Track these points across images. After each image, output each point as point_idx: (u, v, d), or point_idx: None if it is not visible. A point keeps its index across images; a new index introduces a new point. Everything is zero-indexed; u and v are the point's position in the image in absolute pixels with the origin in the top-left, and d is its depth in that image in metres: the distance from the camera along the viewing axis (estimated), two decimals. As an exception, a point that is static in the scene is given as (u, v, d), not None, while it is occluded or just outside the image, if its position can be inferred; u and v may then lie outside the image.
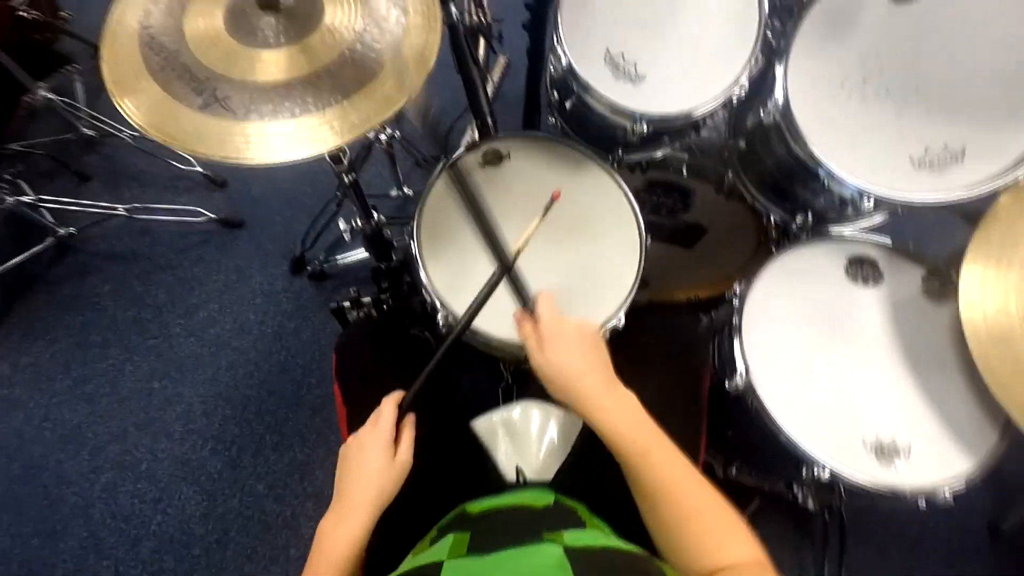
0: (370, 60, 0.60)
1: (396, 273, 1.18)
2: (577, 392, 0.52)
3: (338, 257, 1.40)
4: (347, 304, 1.23)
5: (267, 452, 1.25)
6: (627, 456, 0.49)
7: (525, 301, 0.60)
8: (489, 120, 0.80)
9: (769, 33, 0.78)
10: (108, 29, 0.60)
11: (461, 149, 0.82)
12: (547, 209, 0.62)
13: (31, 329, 1.36)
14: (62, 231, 1.36)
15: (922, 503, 0.72)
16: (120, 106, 0.56)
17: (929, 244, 0.87)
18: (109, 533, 1.18)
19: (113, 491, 1.21)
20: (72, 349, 1.34)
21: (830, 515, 1.20)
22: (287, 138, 0.55)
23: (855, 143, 0.74)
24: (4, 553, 1.16)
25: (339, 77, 0.58)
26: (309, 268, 1.42)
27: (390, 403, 0.58)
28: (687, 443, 0.50)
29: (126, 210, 1.37)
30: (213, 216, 1.46)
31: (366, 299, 1.23)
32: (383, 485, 0.53)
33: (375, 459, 0.54)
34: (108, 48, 0.59)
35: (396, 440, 0.57)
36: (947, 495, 0.71)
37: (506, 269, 0.59)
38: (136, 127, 0.55)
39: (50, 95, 1.44)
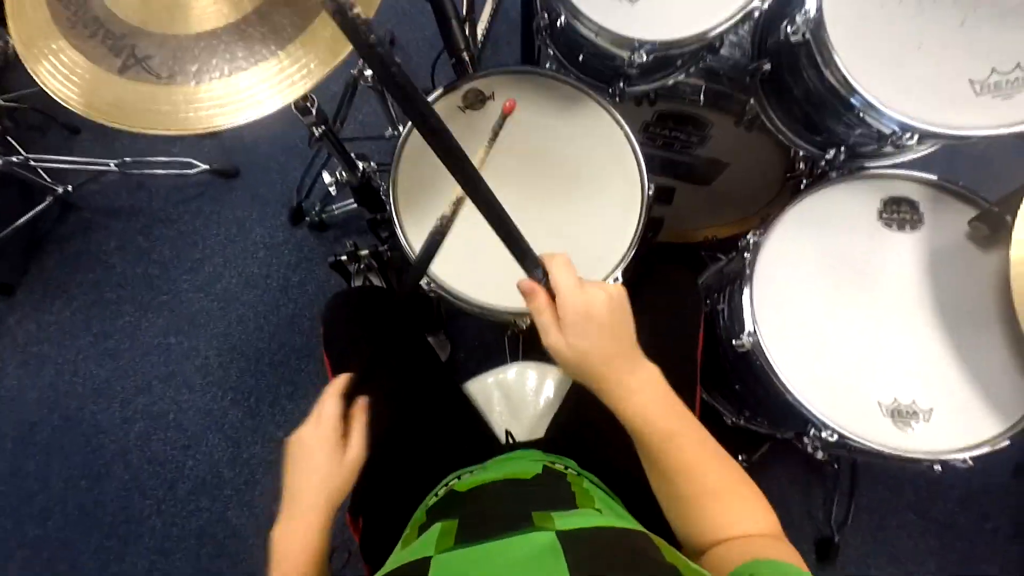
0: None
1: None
2: (603, 379, 0.45)
3: (335, 207, 1.35)
4: (345, 257, 1.20)
5: (283, 401, 1.30)
6: (651, 440, 0.45)
7: (531, 265, 0.45)
8: (466, 56, 0.69)
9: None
10: (12, -24, 0.52)
11: (437, 91, 0.73)
12: (496, 131, 0.50)
13: (48, 289, 1.39)
14: (60, 189, 1.34)
15: (938, 468, 0.68)
16: (36, 76, 0.50)
17: (983, 181, 0.75)
18: (148, 476, 1.27)
19: (147, 439, 1.29)
20: (89, 307, 1.38)
21: (840, 459, 1.18)
22: (219, 102, 0.49)
23: (901, 64, 0.61)
24: (60, 494, 1.27)
25: (272, 22, 0.50)
26: (307, 219, 1.38)
27: (332, 396, 0.52)
28: None
29: (116, 165, 1.33)
30: (207, 167, 1.40)
31: (364, 251, 1.19)
32: (333, 488, 0.50)
33: (321, 463, 0.50)
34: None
35: (346, 431, 0.52)
36: (967, 460, 0.67)
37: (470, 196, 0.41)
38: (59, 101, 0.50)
39: (22, 42, 1.36)
